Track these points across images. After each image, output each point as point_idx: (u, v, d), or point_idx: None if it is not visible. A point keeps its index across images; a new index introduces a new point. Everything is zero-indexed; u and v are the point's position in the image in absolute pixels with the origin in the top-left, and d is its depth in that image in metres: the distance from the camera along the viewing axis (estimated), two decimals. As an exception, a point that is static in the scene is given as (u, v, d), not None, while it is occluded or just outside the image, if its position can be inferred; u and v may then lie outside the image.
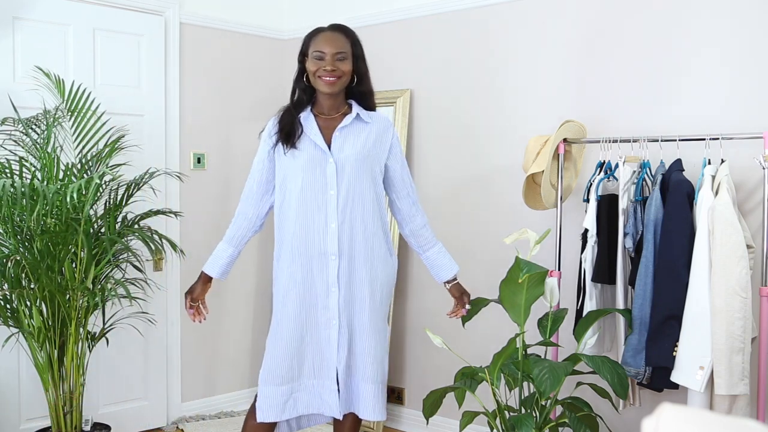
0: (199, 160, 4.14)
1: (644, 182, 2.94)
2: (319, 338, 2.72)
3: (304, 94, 2.78)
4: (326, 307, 2.70)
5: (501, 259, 3.54)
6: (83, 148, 3.33)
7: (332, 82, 2.66)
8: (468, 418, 2.77)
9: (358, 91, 2.77)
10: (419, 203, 2.89)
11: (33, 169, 3.13)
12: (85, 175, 3.21)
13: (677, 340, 2.72)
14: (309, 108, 2.76)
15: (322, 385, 2.73)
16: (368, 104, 2.80)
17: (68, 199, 2.86)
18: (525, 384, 2.85)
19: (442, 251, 2.91)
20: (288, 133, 2.71)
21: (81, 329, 3.20)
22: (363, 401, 2.74)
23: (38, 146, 3.17)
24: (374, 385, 2.73)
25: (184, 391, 4.13)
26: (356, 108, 2.76)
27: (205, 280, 2.85)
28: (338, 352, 2.71)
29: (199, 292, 2.86)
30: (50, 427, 3.25)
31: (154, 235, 3.32)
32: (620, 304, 2.91)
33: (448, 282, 2.92)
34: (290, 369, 2.70)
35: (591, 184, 3.04)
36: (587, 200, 3.05)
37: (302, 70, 2.76)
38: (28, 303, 3.11)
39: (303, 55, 2.74)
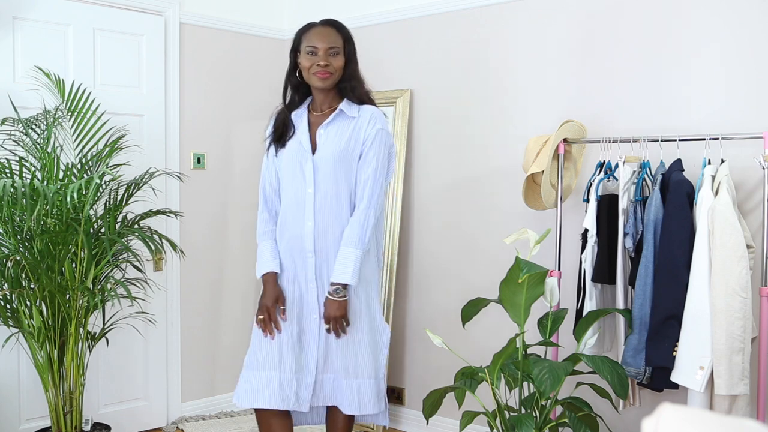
0: (199, 160, 4.14)
1: (644, 182, 2.94)
2: (304, 331, 2.78)
3: (296, 92, 2.82)
4: (308, 303, 2.77)
5: (501, 259, 3.54)
6: (83, 148, 3.33)
7: (326, 77, 2.68)
8: (468, 418, 2.77)
9: (348, 86, 2.75)
10: (369, 208, 2.69)
11: (33, 169, 3.13)
12: (85, 175, 3.21)
13: (677, 340, 2.72)
14: (306, 104, 2.81)
15: (300, 380, 2.77)
16: (358, 97, 2.75)
17: (68, 199, 2.86)
18: (525, 384, 2.85)
19: (343, 255, 2.65)
20: (281, 134, 2.79)
21: (81, 329, 3.20)
22: (340, 396, 2.79)
23: (38, 146, 3.17)
24: (348, 380, 2.76)
25: (184, 391, 4.13)
26: (343, 103, 2.74)
27: (270, 280, 2.77)
28: (318, 347, 2.76)
29: (275, 293, 2.75)
30: (50, 427, 3.25)
31: (154, 235, 3.32)
32: (620, 304, 2.91)
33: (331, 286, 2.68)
34: (277, 356, 2.75)
35: (591, 184, 3.04)
36: (587, 200, 3.05)
37: (294, 66, 2.79)
38: (28, 303, 3.11)
39: (295, 51, 2.77)
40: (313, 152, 2.73)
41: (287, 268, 2.78)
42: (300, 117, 2.79)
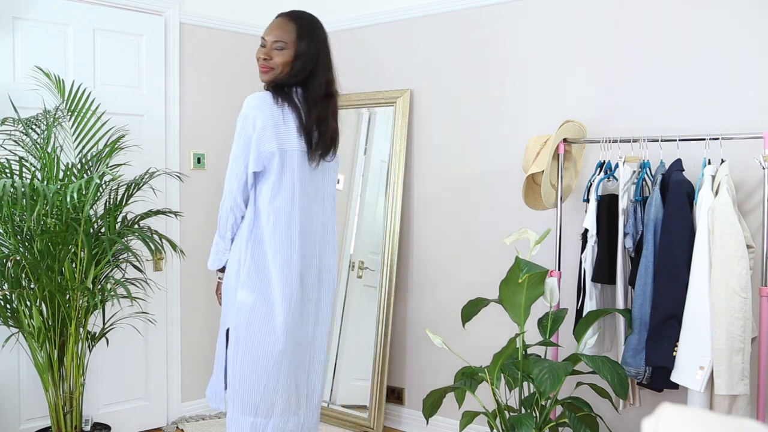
0: (199, 160, 4.14)
1: (644, 182, 2.94)
2: None
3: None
4: None
5: (501, 259, 3.54)
6: (83, 148, 3.33)
7: (265, 71, 2.62)
8: (468, 418, 2.77)
9: (305, 82, 2.62)
10: (223, 196, 2.67)
11: (33, 169, 3.13)
12: (85, 175, 3.21)
13: (677, 340, 2.72)
14: None
15: None
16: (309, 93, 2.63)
17: (68, 199, 2.86)
18: (525, 384, 2.85)
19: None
20: None
21: (81, 329, 3.20)
22: None
23: (38, 146, 3.17)
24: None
25: (184, 391, 4.13)
26: None
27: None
28: None
29: None
30: (50, 427, 3.25)
31: (154, 235, 3.32)
32: (620, 304, 2.91)
33: None
34: None
35: (591, 184, 3.04)
36: (587, 200, 3.05)
37: None
38: (28, 303, 3.11)
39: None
40: None
41: None
42: None
